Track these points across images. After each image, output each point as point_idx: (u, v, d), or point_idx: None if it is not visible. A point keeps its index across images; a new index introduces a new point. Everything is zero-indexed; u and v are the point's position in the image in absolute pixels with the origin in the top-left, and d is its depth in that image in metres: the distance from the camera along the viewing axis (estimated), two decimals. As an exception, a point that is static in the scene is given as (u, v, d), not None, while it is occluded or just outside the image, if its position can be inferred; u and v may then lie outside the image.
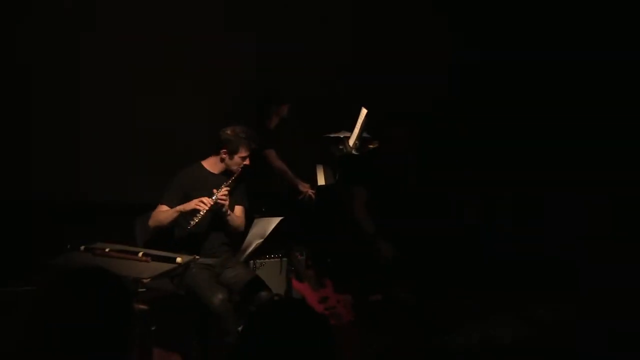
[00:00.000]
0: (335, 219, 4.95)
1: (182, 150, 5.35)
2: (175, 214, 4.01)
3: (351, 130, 5.49)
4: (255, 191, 5.28)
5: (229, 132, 4.13)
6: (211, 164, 4.21)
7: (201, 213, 3.92)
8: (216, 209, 4.04)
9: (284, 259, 4.63)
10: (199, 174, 4.19)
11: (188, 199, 4.03)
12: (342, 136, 5.71)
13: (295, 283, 4.41)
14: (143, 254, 3.56)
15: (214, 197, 3.97)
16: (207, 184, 4.10)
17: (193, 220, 3.92)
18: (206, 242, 4.16)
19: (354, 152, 5.24)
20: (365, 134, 5.34)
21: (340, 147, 5.52)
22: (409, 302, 4.53)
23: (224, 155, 4.15)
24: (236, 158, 4.12)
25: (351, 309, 4.36)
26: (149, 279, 3.39)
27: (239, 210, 4.25)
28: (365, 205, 4.51)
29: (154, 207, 4.15)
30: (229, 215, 4.13)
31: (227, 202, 4.04)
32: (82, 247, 3.63)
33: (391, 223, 4.48)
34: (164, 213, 4.05)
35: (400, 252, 4.40)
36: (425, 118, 5.10)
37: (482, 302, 4.43)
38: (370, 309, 4.55)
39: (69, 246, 3.68)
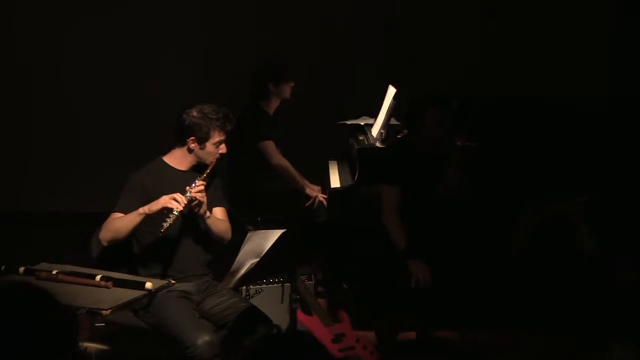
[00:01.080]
0: (353, 232, 4.92)
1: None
2: (137, 218, 3.90)
3: (375, 115, 5.49)
4: (249, 196, 5.24)
5: (194, 113, 4.02)
6: (176, 159, 4.12)
7: (175, 213, 3.81)
8: (190, 210, 3.93)
9: (287, 284, 4.55)
10: (161, 173, 4.09)
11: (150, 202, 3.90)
12: (362, 124, 5.68)
13: (302, 316, 4.27)
14: (102, 278, 3.53)
15: (187, 194, 3.87)
16: (173, 185, 3.97)
17: (165, 222, 3.79)
18: (179, 261, 4.07)
19: (378, 144, 5.18)
20: (393, 121, 5.32)
21: (361, 137, 5.48)
22: (450, 342, 4.51)
23: (192, 145, 4.03)
24: (209, 146, 4.03)
25: (375, 350, 4.34)
26: (109, 310, 3.36)
27: (219, 212, 4.16)
28: (395, 211, 4.45)
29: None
30: (208, 217, 4.01)
31: (204, 200, 3.93)
32: (22, 269, 3.62)
33: (429, 235, 4.45)
34: (120, 220, 3.96)
35: (441, 275, 4.33)
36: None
37: (541, 339, 4.42)
38: (400, 351, 4.53)
39: (3, 267, 3.67)
